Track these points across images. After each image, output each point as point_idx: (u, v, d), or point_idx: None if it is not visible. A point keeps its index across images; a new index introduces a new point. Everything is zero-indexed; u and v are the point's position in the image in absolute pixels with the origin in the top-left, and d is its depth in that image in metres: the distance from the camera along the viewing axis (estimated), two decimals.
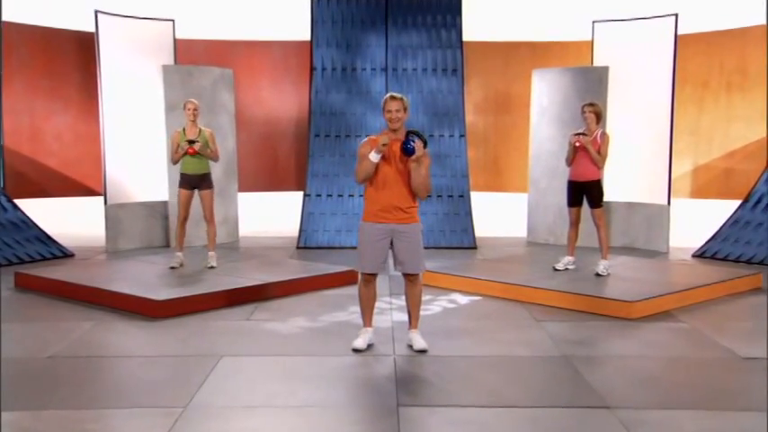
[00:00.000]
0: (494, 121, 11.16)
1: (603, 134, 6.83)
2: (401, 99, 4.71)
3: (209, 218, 7.33)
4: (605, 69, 9.35)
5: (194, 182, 7.22)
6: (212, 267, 7.18)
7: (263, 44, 11.02)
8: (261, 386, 4.25)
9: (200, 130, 7.20)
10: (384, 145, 4.63)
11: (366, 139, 4.90)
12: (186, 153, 7.06)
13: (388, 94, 4.77)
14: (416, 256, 4.82)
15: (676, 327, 5.58)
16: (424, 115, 9.72)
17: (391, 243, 4.80)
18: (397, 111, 4.69)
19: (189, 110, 7.16)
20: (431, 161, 4.82)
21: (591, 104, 6.87)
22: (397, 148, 4.69)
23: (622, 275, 6.89)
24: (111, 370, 4.65)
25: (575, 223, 7.07)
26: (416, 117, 9.62)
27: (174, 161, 7.27)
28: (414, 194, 4.76)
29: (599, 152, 6.77)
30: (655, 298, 6.00)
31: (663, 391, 4.19)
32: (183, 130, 7.20)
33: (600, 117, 6.86)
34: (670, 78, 9.03)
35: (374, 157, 4.67)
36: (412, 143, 4.58)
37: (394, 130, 4.73)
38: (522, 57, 10.88)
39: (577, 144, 6.78)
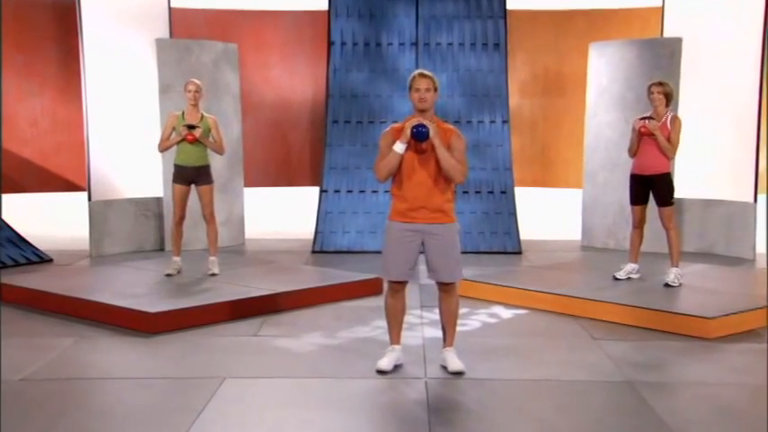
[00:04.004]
0: (543, 105, 11.10)
1: (674, 118, 6.78)
2: (431, 77, 4.74)
3: (208, 217, 7.39)
4: (678, 41, 9.27)
5: (191, 175, 7.27)
6: (214, 275, 7.24)
7: (272, 14, 11.07)
8: (270, 413, 4.27)
9: (201, 116, 7.26)
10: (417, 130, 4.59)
11: (389, 128, 4.89)
12: (184, 139, 7.12)
13: (417, 71, 4.80)
14: (452, 261, 4.82)
15: (763, 348, 5.51)
16: (461, 98, 9.71)
17: (423, 246, 4.80)
18: (427, 90, 4.70)
19: (190, 91, 7.21)
20: (466, 145, 4.81)
21: (660, 84, 6.83)
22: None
23: (697, 286, 6.83)
24: (95, 394, 4.69)
25: (639, 224, 7.03)
26: (452, 100, 9.62)
27: (163, 148, 7.32)
28: (448, 185, 4.74)
29: (669, 140, 6.72)
30: (737, 314, 5.93)
31: (747, 425, 4.14)
32: (183, 113, 7.27)
33: (670, 98, 6.81)
34: (758, 51, 8.92)
35: (399, 147, 4.67)
36: (424, 127, 4.60)
37: (422, 111, 4.73)
38: (577, 28, 10.81)
39: (643, 130, 6.74)
